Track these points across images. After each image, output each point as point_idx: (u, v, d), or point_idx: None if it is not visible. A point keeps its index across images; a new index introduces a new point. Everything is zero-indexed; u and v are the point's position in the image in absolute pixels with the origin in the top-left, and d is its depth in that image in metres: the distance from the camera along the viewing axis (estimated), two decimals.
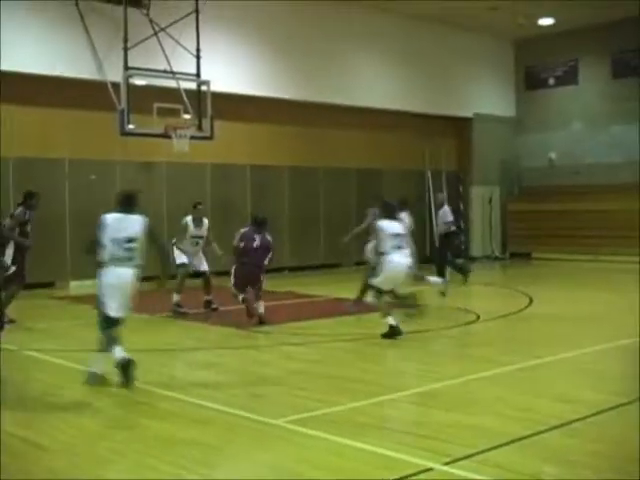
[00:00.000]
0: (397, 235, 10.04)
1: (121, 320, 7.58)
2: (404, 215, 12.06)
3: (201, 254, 12.90)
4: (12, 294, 11.24)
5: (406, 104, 21.80)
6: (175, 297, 12.38)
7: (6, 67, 14.91)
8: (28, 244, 11.49)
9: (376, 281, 10.12)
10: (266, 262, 11.42)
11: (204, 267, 12.79)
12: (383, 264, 9.99)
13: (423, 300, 11.18)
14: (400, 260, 9.99)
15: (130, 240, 7.52)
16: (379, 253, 10.12)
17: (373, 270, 10.52)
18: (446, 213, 16.75)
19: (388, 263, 9.94)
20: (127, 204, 7.73)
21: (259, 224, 11.47)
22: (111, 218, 7.60)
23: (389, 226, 10.06)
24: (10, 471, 5.06)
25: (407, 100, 21.80)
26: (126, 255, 7.49)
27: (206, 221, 12.92)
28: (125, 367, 7.30)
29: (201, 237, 12.78)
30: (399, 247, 9.99)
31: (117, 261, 7.47)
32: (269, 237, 11.50)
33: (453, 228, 17.03)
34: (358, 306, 12.09)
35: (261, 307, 11.25)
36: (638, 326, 9.85)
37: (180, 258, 12.53)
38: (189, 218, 12.67)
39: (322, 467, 5.10)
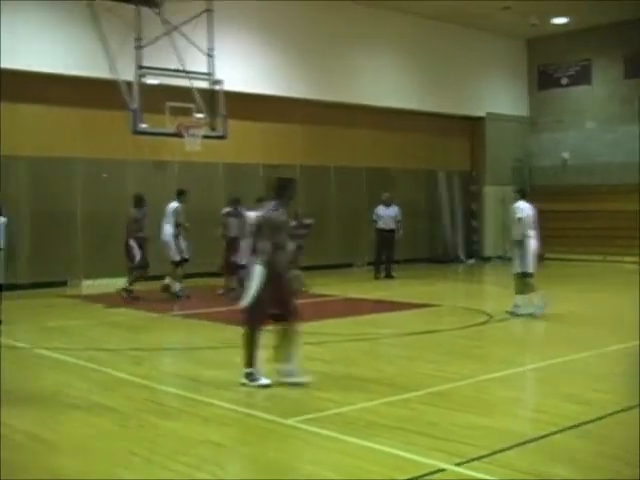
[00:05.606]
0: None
1: None
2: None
3: None
4: (137, 277, 13.94)
5: (418, 104, 21.76)
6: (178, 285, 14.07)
7: (18, 66, 14.99)
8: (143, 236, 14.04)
9: None
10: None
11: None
12: None
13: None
14: None
15: None
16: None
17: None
18: (397, 211, 18.05)
19: None
20: None
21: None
22: None
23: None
24: (17, 469, 5.08)
25: (419, 100, 21.76)
26: None
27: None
28: None
29: None
30: None
31: None
32: None
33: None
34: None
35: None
36: None
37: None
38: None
39: (333, 467, 5.08)
